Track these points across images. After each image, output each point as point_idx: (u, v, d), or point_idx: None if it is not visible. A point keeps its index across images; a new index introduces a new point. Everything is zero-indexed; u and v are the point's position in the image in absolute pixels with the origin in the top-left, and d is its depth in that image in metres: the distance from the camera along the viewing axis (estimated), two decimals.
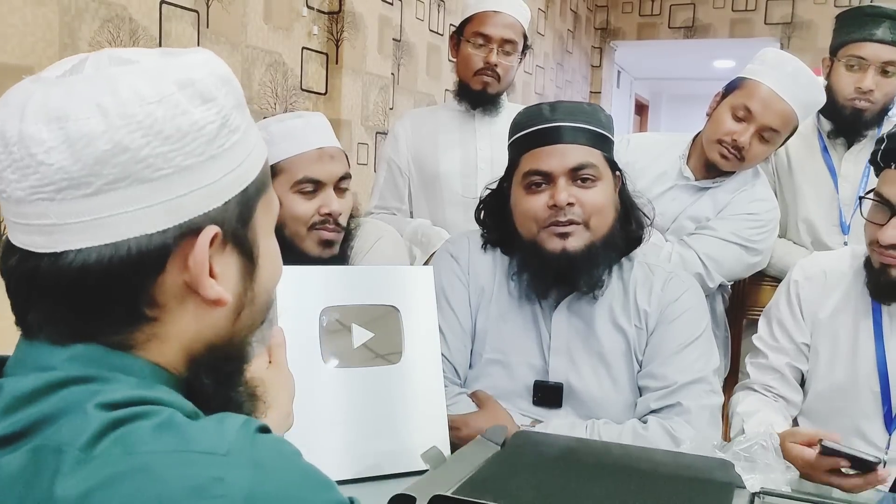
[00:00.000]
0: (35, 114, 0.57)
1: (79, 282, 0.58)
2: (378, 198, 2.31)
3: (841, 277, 1.56)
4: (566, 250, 1.36)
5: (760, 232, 1.95)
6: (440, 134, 2.26)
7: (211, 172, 0.61)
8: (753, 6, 5.79)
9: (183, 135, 0.59)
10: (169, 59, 0.61)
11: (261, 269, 0.68)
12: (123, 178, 0.57)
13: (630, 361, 1.42)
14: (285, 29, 2.79)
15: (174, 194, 0.59)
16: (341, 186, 1.59)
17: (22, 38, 1.87)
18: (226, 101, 0.62)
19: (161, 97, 0.58)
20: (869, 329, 1.49)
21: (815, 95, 1.91)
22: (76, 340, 0.60)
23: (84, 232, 0.58)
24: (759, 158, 1.95)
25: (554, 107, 1.41)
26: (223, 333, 0.66)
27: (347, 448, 1.23)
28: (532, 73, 5.24)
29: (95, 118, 0.57)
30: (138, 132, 0.57)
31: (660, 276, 1.46)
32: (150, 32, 2.24)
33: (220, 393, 0.68)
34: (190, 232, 0.60)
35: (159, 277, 0.60)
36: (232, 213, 0.63)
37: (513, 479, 1.10)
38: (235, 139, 0.63)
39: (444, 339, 1.39)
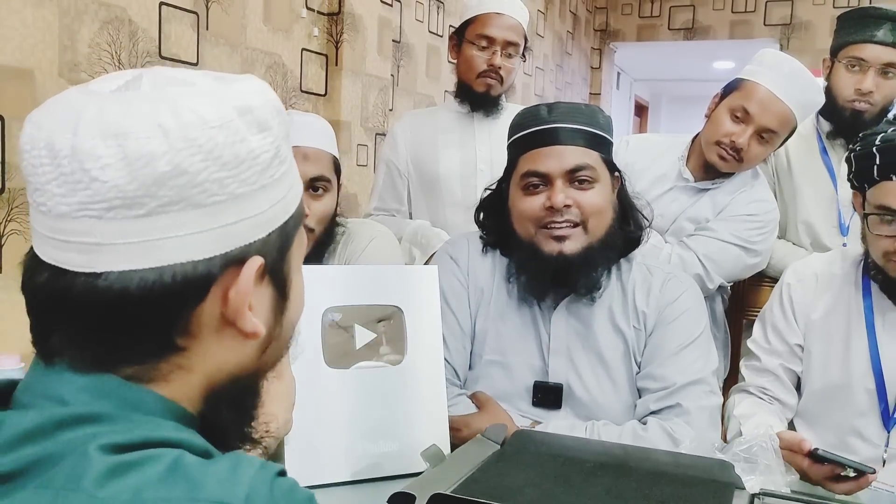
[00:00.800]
0: (91, 128, 0.55)
1: (115, 305, 0.56)
2: (377, 199, 2.31)
3: (832, 279, 1.57)
4: (563, 253, 1.37)
5: (760, 233, 1.96)
6: (439, 135, 2.26)
7: (260, 202, 0.60)
8: (753, 7, 5.80)
9: (240, 162, 0.58)
10: (225, 84, 0.60)
11: (290, 304, 0.67)
12: (178, 201, 0.56)
13: (629, 363, 1.42)
14: (285, 30, 2.80)
15: (224, 222, 0.58)
16: (316, 188, 1.58)
17: (21, 40, 1.88)
18: (279, 131, 0.62)
19: (222, 122, 0.57)
20: (861, 328, 1.50)
21: (814, 96, 1.92)
22: (97, 368, 0.58)
23: (129, 253, 0.56)
24: (757, 159, 1.95)
25: (552, 108, 1.41)
26: (248, 367, 0.65)
27: (349, 448, 1.23)
28: (531, 75, 5.25)
29: (157, 138, 0.55)
30: (198, 156, 0.56)
31: (658, 277, 1.46)
32: (150, 34, 2.24)
33: (237, 427, 0.67)
34: (234, 261, 0.59)
35: (198, 306, 0.58)
36: (273, 246, 0.62)
37: (512, 479, 1.10)
38: (284, 170, 0.63)
39: (444, 340, 1.39)
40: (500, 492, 1.03)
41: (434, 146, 2.25)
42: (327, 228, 1.62)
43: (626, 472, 1.13)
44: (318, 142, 1.60)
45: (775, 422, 1.50)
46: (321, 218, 1.59)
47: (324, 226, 1.61)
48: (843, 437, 1.50)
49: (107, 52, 2.11)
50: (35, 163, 0.56)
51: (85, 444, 0.53)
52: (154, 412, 0.59)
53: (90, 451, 0.52)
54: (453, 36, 2.28)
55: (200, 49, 2.43)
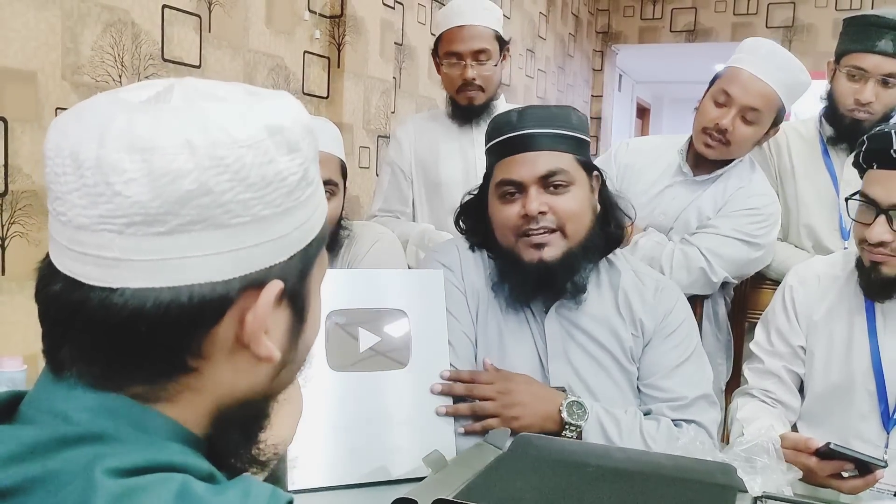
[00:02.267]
0: (117, 140, 0.53)
1: (129, 323, 0.54)
2: (382, 201, 2.32)
3: (834, 280, 1.58)
4: (543, 260, 1.36)
5: (762, 226, 1.96)
6: (441, 143, 2.27)
7: (284, 225, 0.58)
8: (755, 10, 5.80)
9: (266, 184, 0.56)
10: (257, 100, 0.59)
11: (307, 327, 0.65)
12: (200, 220, 0.54)
13: (626, 363, 1.42)
14: (287, 33, 2.80)
15: (246, 244, 0.56)
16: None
17: (24, 43, 1.88)
18: (308, 152, 0.60)
19: (252, 142, 0.55)
20: (863, 329, 1.51)
21: (796, 74, 1.93)
22: (105, 385, 0.56)
23: (146, 271, 0.54)
24: (745, 142, 1.95)
25: (522, 114, 1.40)
26: (259, 390, 0.63)
27: (353, 452, 1.23)
28: (534, 77, 5.25)
29: (184, 155, 0.53)
30: (225, 175, 0.54)
31: (649, 284, 1.47)
32: (153, 37, 2.25)
33: (243, 449, 0.65)
34: (252, 285, 0.57)
35: (213, 328, 0.57)
36: (294, 269, 0.60)
37: (514, 483, 1.10)
38: (310, 192, 0.61)
39: (454, 350, 1.39)
40: (503, 497, 1.03)
41: (436, 153, 2.26)
42: (333, 232, 1.62)
43: (629, 477, 1.13)
44: (326, 146, 1.60)
45: (778, 425, 1.50)
46: (328, 221, 1.59)
47: (329, 229, 1.61)
48: (845, 439, 1.50)
49: (109, 54, 2.11)
50: (58, 171, 0.55)
51: (90, 466, 0.52)
52: (159, 433, 0.57)
53: (96, 475, 0.51)
54: (433, 53, 2.28)
55: (203, 52, 2.43)
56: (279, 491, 0.58)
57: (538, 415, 1.32)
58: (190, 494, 0.52)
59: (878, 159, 1.38)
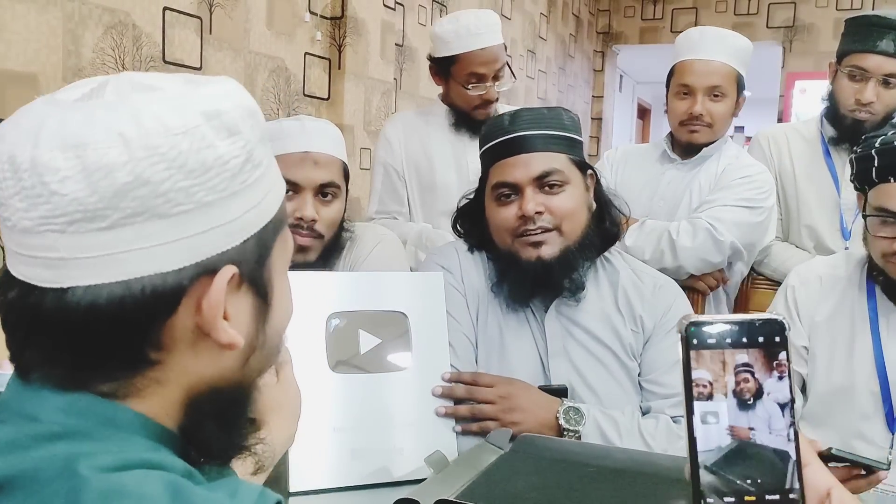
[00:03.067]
0: (50, 140, 0.53)
1: (84, 321, 0.54)
2: (377, 202, 2.30)
3: (836, 281, 1.58)
4: (541, 258, 1.37)
5: (759, 191, 2.02)
6: (434, 145, 2.26)
7: (232, 209, 0.58)
8: (755, 10, 5.80)
9: (206, 169, 0.56)
10: (194, 87, 0.58)
11: (274, 311, 0.64)
12: (141, 212, 0.54)
13: (627, 360, 1.43)
14: (288, 34, 2.80)
15: (193, 231, 0.56)
16: (325, 193, 1.58)
17: (26, 45, 1.88)
18: (251, 135, 0.59)
19: (187, 129, 0.55)
20: (866, 330, 1.50)
21: (733, 41, 2.07)
22: (70, 385, 0.56)
23: (95, 268, 0.54)
24: (724, 117, 2.07)
25: (514, 116, 1.41)
26: (230, 378, 0.62)
27: (354, 454, 1.23)
28: (534, 78, 5.25)
29: (117, 148, 0.53)
30: (161, 164, 0.54)
31: (648, 282, 1.48)
32: (154, 39, 2.25)
33: (223, 439, 0.64)
34: (206, 271, 0.57)
35: (170, 319, 0.56)
36: (250, 253, 0.60)
37: (516, 484, 1.10)
38: (258, 175, 0.60)
39: (454, 351, 1.39)
40: (504, 497, 1.03)
41: (430, 156, 2.25)
42: (335, 234, 1.61)
43: (630, 477, 1.13)
44: (329, 148, 1.59)
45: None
46: (330, 224, 1.59)
47: (333, 231, 1.60)
48: (848, 440, 1.49)
49: (110, 56, 2.12)
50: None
51: (71, 463, 0.51)
52: (130, 430, 0.57)
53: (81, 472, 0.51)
54: (435, 66, 2.25)
55: (204, 53, 2.44)
56: (268, 491, 0.58)
57: (537, 421, 1.32)
58: (181, 490, 0.52)
59: (895, 173, 1.38)
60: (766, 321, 0.54)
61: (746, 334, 0.54)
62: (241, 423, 0.67)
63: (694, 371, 0.53)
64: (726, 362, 0.53)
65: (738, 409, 0.53)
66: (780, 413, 0.53)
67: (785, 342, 0.54)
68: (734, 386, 0.53)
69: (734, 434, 0.53)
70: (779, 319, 0.54)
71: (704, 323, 0.54)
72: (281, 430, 0.98)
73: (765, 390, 0.54)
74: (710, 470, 0.53)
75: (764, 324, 0.54)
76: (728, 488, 0.53)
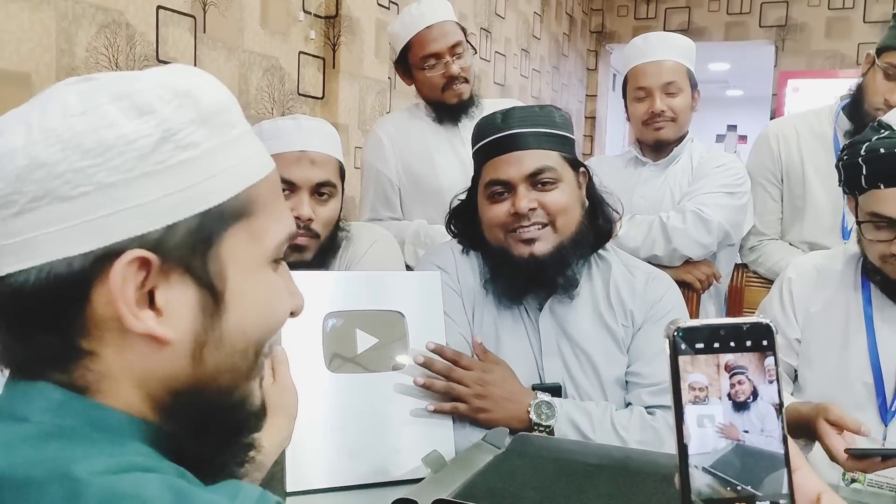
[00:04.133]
0: None
1: (13, 308, 0.55)
2: (370, 210, 2.28)
3: (833, 274, 1.59)
4: (534, 255, 1.38)
5: (737, 177, 2.12)
6: (432, 148, 2.23)
7: (144, 191, 0.55)
8: (748, 9, 5.81)
9: (106, 149, 0.54)
10: (131, 74, 0.58)
11: (231, 308, 0.60)
12: (43, 195, 0.54)
13: (618, 359, 1.43)
14: (282, 33, 2.80)
15: (97, 214, 0.54)
16: (322, 193, 1.57)
17: (19, 44, 1.87)
18: (174, 115, 0.56)
19: (86, 109, 0.54)
20: (860, 323, 1.52)
21: (672, 40, 2.19)
22: (28, 375, 0.57)
23: (15, 254, 0.54)
24: (683, 110, 2.17)
25: (507, 115, 1.42)
26: (182, 377, 0.59)
27: (351, 453, 1.23)
28: (528, 77, 5.25)
29: (18, 134, 0.54)
30: (56, 146, 0.54)
31: (640, 276, 1.49)
32: (147, 38, 2.24)
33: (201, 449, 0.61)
34: (117, 256, 0.55)
35: (87, 306, 0.55)
36: (181, 239, 0.56)
37: (513, 483, 1.10)
38: (186, 157, 0.57)
39: None
40: (502, 496, 1.03)
41: (429, 159, 2.23)
42: (332, 233, 1.61)
43: (627, 476, 1.14)
44: (325, 147, 1.59)
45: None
46: (327, 223, 1.59)
47: (329, 231, 1.60)
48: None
49: (104, 55, 2.11)
50: None
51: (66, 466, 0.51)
52: (119, 430, 0.57)
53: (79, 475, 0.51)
54: (398, 66, 2.25)
55: (198, 52, 2.43)
56: (268, 493, 0.58)
57: (506, 412, 1.33)
58: (183, 492, 0.52)
59: (885, 179, 1.39)
60: (754, 325, 0.54)
61: (735, 338, 0.54)
62: (229, 439, 0.63)
63: (690, 375, 0.53)
64: (719, 365, 0.53)
65: (733, 412, 0.53)
66: (773, 416, 0.53)
67: (773, 346, 0.54)
68: (728, 389, 0.53)
69: (727, 436, 0.53)
70: (765, 323, 0.54)
71: (692, 328, 0.53)
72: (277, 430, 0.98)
73: (758, 393, 0.54)
74: (703, 472, 0.52)
75: (752, 328, 0.54)
76: (718, 493, 0.52)
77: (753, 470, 0.53)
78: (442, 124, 2.24)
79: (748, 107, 9.23)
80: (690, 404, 0.53)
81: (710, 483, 0.52)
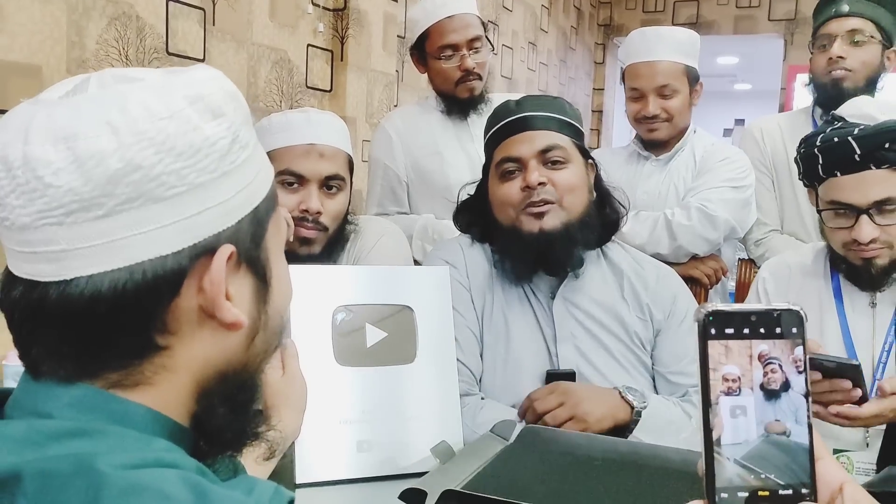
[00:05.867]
0: (40, 135, 0.54)
1: (89, 311, 0.55)
2: (376, 205, 2.27)
3: (804, 269, 1.62)
4: (543, 230, 1.40)
5: (741, 171, 2.09)
6: (439, 141, 2.22)
7: (224, 190, 0.59)
8: (757, 3, 5.79)
9: (195, 151, 0.57)
10: (174, 76, 0.60)
11: (273, 291, 0.65)
12: (136, 197, 0.55)
13: (634, 345, 1.45)
14: (291, 26, 2.80)
15: (188, 213, 0.57)
16: (330, 186, 1.58)
17: (30, 37, 1.88)
18: (235, 117, 0.61)
19: (172, 113, 0.56)
20: (832, 312, 1.53)
21: (673, 36, 2.13)
22: (79, 378, 0.57)
23: (95, 256, 0.55)
24: (679, 111, 2.13)
25: (520, 101, 1.47)
26: (236, 360, 0.63)
27: (360, 446, 1.24)
28: (535, 70, 5.24)
29: (106, 136, 0.54)
30: (150, 149, 0.55)
31: (650, 270, 1.51)
32: (157, 30, 2.25)
33: (236, 426, 0.65)
34: (205, 252, 0.58)
35: (174, 302, 0.57)
36: (245, 233, 0.61)
37: (521, 475, 1.11)
38: (246, 155, 0.61)
39: (459, 346, 1.40)
40: (510, 488, 1.04)
41: (437, 154, 2.21)
42: (340, 227, 1.61)
43: (635, 469, 1.14)
44: (334, 140, 1.59)
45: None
46: (335, 216, 1.59)
47: (337, 224, 1.60)
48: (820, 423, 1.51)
49: (114, 48, 2.11)
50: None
51: (88, 461, 0.52)
52: (142, 426, 0.58)
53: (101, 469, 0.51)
54: (413, 51, 2.23)
55: (207, 45, 2.43)
56: (282, 489, 0.59)
57: (608, 405, 1.34)
58: (200, 487, 0.53)
59: (842, 167, 1.41)
60: (785, 312, 0.54)
61: (765, 325, 0.53)
62: (252, 410, 0.67)
63: (723, 366, 0.52)
64: (752, 356, 0.53)
65: (765, 402, 0.53)
66: (803, 405, 0.53)
67: (803, 334, 0.54)
68: (761, 379, 0.53)
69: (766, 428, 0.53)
70: (796, 310, 0.54)
71: (723, 313, 0.53)
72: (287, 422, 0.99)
73: (789, 383, 0.53)
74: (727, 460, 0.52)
75: (782, 314, 0.54)
76: (743, 482, 0.52)
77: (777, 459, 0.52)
78: (450, 117, 2.23)
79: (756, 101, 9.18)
80: (723, 395, 0.52)
81: (733, 471, 0.52)
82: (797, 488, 0.53)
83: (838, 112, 1.49)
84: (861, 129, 1.39)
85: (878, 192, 1.38)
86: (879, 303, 1.50)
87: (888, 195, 1.38)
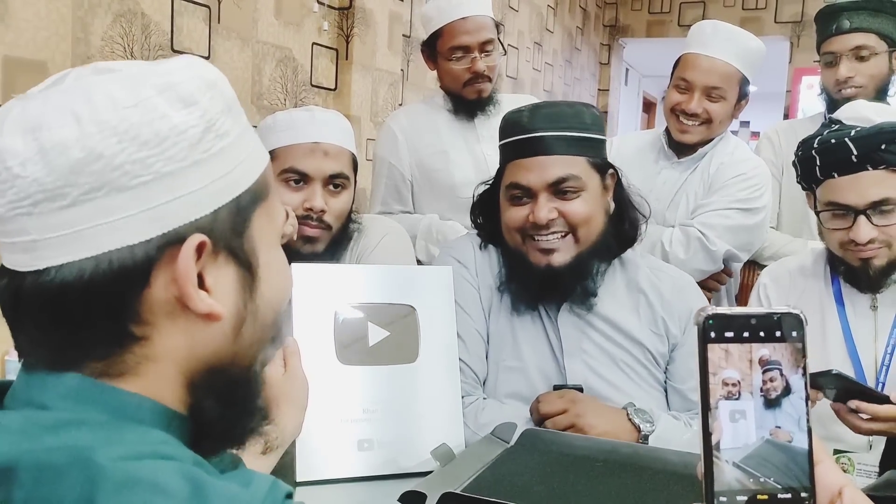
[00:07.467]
0: (11, 127, 0.55)
1: (60, 300, 0.55)
2: (380, 204, 2.27)
3: (804, 273, 1.62)
4: (551, 266, 1.35)
5: (754, 190, 2.01)
6: (445, 141, 2.21)
7: (195, 179, 0.58)
8: (763, 4, 5.78)
9: (161, 139, 0.56)
10: (153, 66, 0.59)
11: (263, 282, 0.64)
12: (100, 186, 0.55)
13: (644, 360, 1.41)
14: (296, 24, 2.80)
15: (156, 202, 0.56)
16: (334, 185, 1.57)
17: (35, 33, 1.89)
18: (211, 105, 0.59)
19: (137, 101, 0.56)
20: (834, 315, 1.54)
21: (745, 42, 2.03)
22: (63, 366, 0.57)
23: (64, 246, 0.55)
24: (722, 118, 2.04)
25: (534, 113, 1.37)
26: (223, 353, 0.62)
27: (361, 445, 1.24)
28: (541, 71, 5.24)
29: (69, 126, 0.54)
30: (113, 138, 0.55)
31: (666, 281, 1.46)
32: (163, 27, 2.25)
33: (229, 421, 0.65)
34: (176, 241, 0.57)
35: (144, 292, 0.57)
36: (224, 223, 0.60)
37: (522, 477, 1.11)
38: (223, 145, 0.60)
39: (464, 344, 1.39)
40: (510, 490, 1.03)
41: (443, 154, 2.20)
42: (343, 225, 1.61)
43: (636, 471, 1.14)
44: (338, 139, 1.59)
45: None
46: (339, 215, 1.59)
47: (341, 223, 1.60)
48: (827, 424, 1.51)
49: (119, 44, 2.12)
50: None
51: (86, 453, 0.52)
52: (138, 417, 0.58)
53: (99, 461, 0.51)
54: (424, 48, 2.22)
55: (212, 42, 2.44)
56: (279, 482, 0.59)
57: (613, 424, 1.31)
58: (197, 479, 0.53)
59: (838, 169, 1.43)
60: (785, 315, 0.53)
61: (765, 328, 0.53)
62: (249, 406, 0.67)
63: (723, 371, 0.52)
64: (752, 360, 0.52)
65: (764, 407, 0.52)
66: (803, 409, 0.53)
67: (803, 337, 0.53)
68: (761, 384, 0.52)
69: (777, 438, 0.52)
70: (796, 313, 0.53)
71: (723, 315, 0.52)
72: (288, 420, 0.99)
73: (790, 387, 0.53)
74: (726, 464, 0.52)
75: (782, 317, 0.53)
76: (742, 486, 0.52)
77: (776, 462, 0.52)
78: (457, 117, 2.22)
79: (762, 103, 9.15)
80: (723, 399, 0.52)
81: (732, 475, 0.51)
82: (796, 492, 0.52)
83: (835, 115, 1.51)
84: (857, 131, 1.41)
85: (875, 193, 1.40)
86: (880, 305, 1.50)
87: (885, 196, 1.40)
